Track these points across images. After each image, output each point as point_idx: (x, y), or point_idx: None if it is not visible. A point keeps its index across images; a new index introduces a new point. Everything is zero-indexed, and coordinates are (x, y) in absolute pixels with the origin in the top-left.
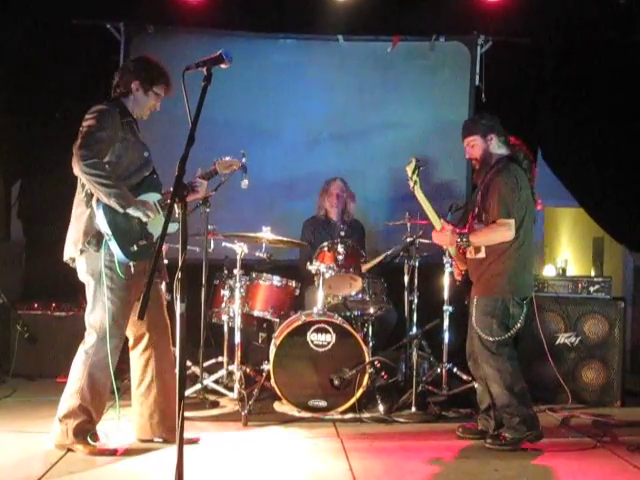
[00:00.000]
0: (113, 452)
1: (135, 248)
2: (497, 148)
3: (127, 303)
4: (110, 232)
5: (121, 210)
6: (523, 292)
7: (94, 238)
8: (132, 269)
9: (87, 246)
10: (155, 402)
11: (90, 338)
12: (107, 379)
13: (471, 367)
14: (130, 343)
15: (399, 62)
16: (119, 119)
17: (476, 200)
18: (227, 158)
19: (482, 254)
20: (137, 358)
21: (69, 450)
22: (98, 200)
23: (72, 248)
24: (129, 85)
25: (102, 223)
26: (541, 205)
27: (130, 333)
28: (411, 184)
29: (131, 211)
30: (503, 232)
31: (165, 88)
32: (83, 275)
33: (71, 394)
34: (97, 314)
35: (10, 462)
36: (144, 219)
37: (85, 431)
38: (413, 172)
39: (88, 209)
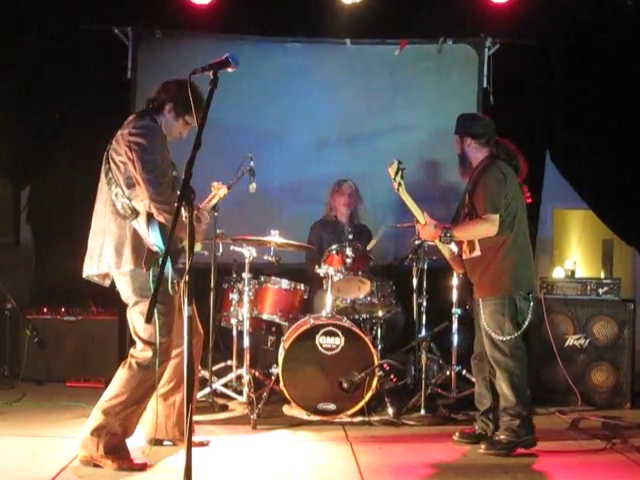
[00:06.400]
0: (142, 467)
1: (181, 266)
2: (476, 151)
3: (173, 318)
4: (165, 248)
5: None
6: (527, 286)
7: (149, 257)
8: (176, 286)
9: (142, 266)
10: (175, 404)
11: (145, 354)
12: (150, 395)
13: (474, 367)
14: None
15: (407, 65)
16: (162, 138)
17: (464, 200)
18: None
19: (477, 252)
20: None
21: (95, 465)
22: (151, 217)
23: (109, 264)
24: (163, 105)
25: (157, 240)
26: (530, 198)
27: None
28: (395, 185)
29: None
30: (487, 227)
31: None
32: (129, 294)
33: (111, 407)
34: (149, 330)
35: (19, 466)
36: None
37: (117, 447)
38: (396, 174)
39: (127, 223)
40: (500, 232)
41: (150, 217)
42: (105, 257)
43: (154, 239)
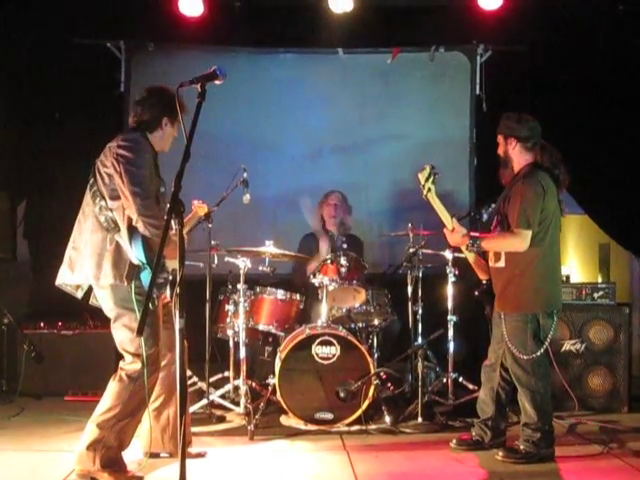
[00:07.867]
0: (139, 479)
1: (161, 280)
2: (520, 155)
3: (158, 328)
4: (146, 262)
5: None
6: (553, 304)
7: (130, 271)
8: (156, 300)
9: (123, 280)
10: (168, 417)
11: (134, 366)
12: (143, 408)
13: (484, 374)
14: None
15: (399, 73)
16: (150, 152)
17: (500, 207)
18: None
19: (501, 263)
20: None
21: (92, 479)
22: (134, 231)
23: (88, 276)
24: (159, 121)
25: (139, 253)
26: (567, 214)
27: None
28: (424, 191)
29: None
30: (516, 242)
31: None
32: (111, 307)
33: (105, 420)
34: (136, 342)
35: None
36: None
37: (113, 460)
38: (427, 179)
39: (109, 236)
40: (530, 247)
41: (132, 230)
42: (84, 269)
43: (137, 252)
